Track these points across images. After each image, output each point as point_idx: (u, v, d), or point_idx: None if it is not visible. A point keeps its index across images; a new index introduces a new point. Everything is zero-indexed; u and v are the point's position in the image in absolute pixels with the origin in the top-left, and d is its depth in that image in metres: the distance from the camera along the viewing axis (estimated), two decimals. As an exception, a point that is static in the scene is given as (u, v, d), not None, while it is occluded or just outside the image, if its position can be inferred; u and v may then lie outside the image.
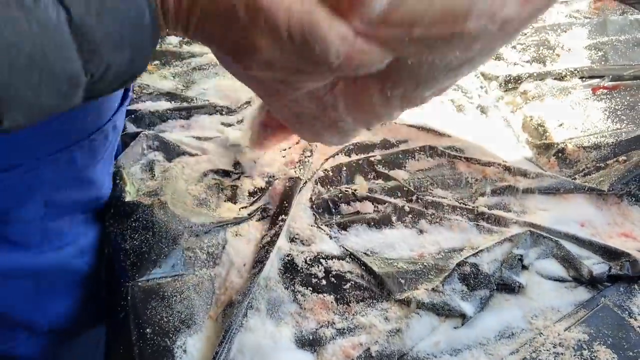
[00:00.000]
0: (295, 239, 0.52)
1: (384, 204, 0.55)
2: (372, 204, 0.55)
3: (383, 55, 0.31)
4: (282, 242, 0.51)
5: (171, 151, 0.59)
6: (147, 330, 0.42)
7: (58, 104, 0.30)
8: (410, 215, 0.54)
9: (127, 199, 0.52)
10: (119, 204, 0.52)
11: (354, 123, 0.40)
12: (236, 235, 0.52)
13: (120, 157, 0.58)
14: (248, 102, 0.68)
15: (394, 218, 0.54)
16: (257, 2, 0.29)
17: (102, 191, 0.54)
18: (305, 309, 0.46)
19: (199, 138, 0.63)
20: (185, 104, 0.67)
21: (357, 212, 0.54)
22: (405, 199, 0.56)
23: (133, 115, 0.64)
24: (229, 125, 0.66)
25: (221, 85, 0.72)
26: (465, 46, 0.31)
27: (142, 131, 0.60)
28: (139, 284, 0.45)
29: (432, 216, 0.54)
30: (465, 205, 0.55)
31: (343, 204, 0.55)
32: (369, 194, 0.56)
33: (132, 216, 0.50)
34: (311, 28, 0.29)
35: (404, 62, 0.33)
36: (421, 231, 0.53)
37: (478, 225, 0.53)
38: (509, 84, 0.71)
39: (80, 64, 0.29)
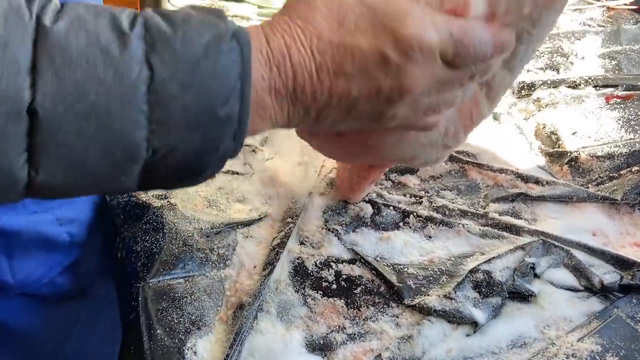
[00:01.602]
0: (305, 241, 0.52)
1: (394, 208, 0.55)
2: (382, 207, 0.55)
3: (512, 34, 0.33)
4: (293, 245, 0.51)
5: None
6: (158, 331, 0.42)
7: (105, 173, 0.27)
8: (419, 220, 0.54)
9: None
10: (128, 208, 0.51)
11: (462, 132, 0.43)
12: (247, 236, 0.52)
13: None
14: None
15: (403, 222, 0.54)
16: (406, 36, 0.29)
17: None
18: (315, 312, 0.45)
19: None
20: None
21: (367, 216, 0.54)
22: (415, 204, 0.56)
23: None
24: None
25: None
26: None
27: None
28: (150, 284, 0.45)
29: (442, 221, 0.53)
30: (476, 211, 0.55)
31: (352, 208, 0.55)
32: (379, 199, 0.56)
33: (142, 219, 0.50)
34: (461, 34, 0.30)
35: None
36: (430, 236, 0.53)
37: (488, 231, 0.52)
38: (522, 91, 0.70)
39: (144, 134, 0.26)
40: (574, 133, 0.64)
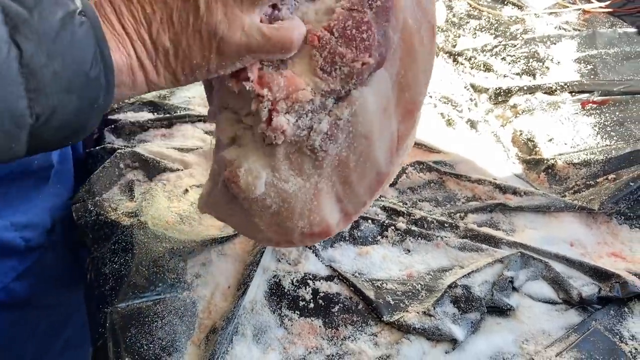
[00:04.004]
0: (282, 258, 0.50)
1: (373, 221, 0.54)
2: (361, 220, 0.54)
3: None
4: (269, 262, 0.50)
5: (151, 168, 0.57)
6: (127, 359, 0.40)
7: (0, 142, 0.31)
8: (398, 233, 0.53)
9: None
10: (97, 227, 0.49)
11: None
12: (221, 254, 0.50)
13: (93, 179, 0.55)
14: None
15: (381, 236, 0.53)
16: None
17: (48, 160, 0.53)
18: (292, 334, 0.44)
19: (180, 149, 0.61)
20: (167, 115, 0.65)
21: (345, 229, 0.53)
22: (393, 217, 0.55)
23: (113, 126, 0.61)
24: (212, 133, 0.65)
25: (206, 93, 0.70)
26: None
27: (117, 149, 0.58)
28: (118, 309, 0.43)
29: (421, 234, 0.53)
30: (455, 222, 0.54)
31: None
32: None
33: (111, 238, 0.48)
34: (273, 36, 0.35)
35: None
36: (408, 250, 0.52)
37: (467, 244, 0.52)
38: (499, 97, 0.70)
39: (25, 102, 0.30)
40: (551, 139, 0.63)
